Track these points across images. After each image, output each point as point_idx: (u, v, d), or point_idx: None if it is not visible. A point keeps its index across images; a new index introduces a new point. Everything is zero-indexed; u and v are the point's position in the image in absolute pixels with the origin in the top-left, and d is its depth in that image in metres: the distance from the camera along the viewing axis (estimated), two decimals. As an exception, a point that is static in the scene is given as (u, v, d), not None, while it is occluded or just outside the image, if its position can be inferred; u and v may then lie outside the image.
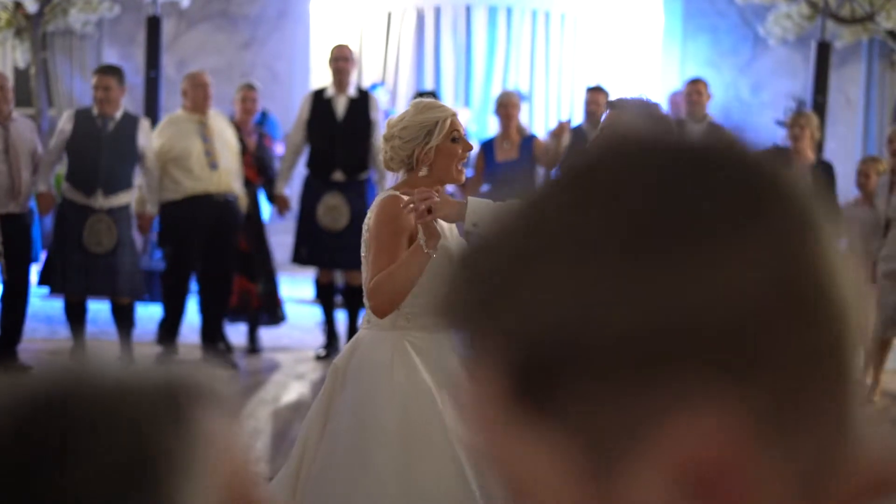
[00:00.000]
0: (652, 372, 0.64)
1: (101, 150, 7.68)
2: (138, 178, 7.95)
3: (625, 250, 0.65)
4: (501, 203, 0.74)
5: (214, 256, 8.19)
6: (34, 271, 8.12)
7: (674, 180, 0.66)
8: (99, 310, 8.62)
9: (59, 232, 7.83)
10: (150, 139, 7.89)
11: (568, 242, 0.66)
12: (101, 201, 7.71)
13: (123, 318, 7.94)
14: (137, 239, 8.70)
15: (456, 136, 3.77)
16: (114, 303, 7.91)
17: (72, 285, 7.77)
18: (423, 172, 3.77)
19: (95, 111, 7.78)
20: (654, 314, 0.63)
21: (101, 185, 7.70)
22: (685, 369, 0.63)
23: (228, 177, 8.13)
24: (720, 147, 0.69)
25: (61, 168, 8.14)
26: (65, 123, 7.83)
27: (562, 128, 8.71)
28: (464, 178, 3.90)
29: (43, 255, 8.26)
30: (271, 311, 8.72)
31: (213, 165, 8.06)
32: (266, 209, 9.16)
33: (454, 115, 3.83)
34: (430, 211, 3.59)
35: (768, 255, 0.65)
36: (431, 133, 3.74)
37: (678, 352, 0.63)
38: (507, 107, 8.80)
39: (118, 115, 7.78)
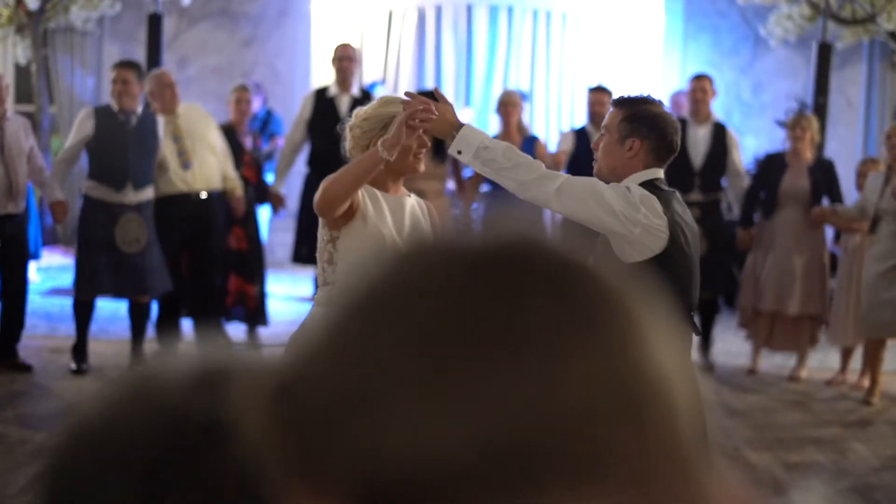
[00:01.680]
0: (498, 490, 0.62)
1: (127, 146, 7.61)
2: None
3: (451, 375, 0.63)
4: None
5: (198, 254, 8.19)
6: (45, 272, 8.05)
7: (489, 296, 0.64)
8: (99, 308, 8.61)
9: (84, 234, 7.68)
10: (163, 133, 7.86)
11: (390, 373, 0.64)
12: (131, 196, 7.63)
13: (141, 316, 7.87)
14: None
15: None
16: (132, 300, 7.82)
17: (104, 287, 7.66)
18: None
19: (115, 107, 7.69)
20: (489, 434, 0.62)
21: (130, 180, 7.62)
22: (527, 484, 0.62)
23: (205, 174, 8.08)
24: (533, 253, 0.67)
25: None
26: (84, 122, 7.69)
27: (557, 159, 8.64)
28: (420, 168, 4.01)
29: (47, 254, 8.19)
30: (263, 312, 8.71)
31: (185, 165, 8.01)
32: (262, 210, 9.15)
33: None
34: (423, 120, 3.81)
35: (595, 361, 0.64)
36: (388, 126, 3.89)
37: (519, 468, 0.62)
38: (507, 105, 8.78)
39: (139, 109, 7.73)
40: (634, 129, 4.05)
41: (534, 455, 0.62)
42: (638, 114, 4.07)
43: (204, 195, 8.04)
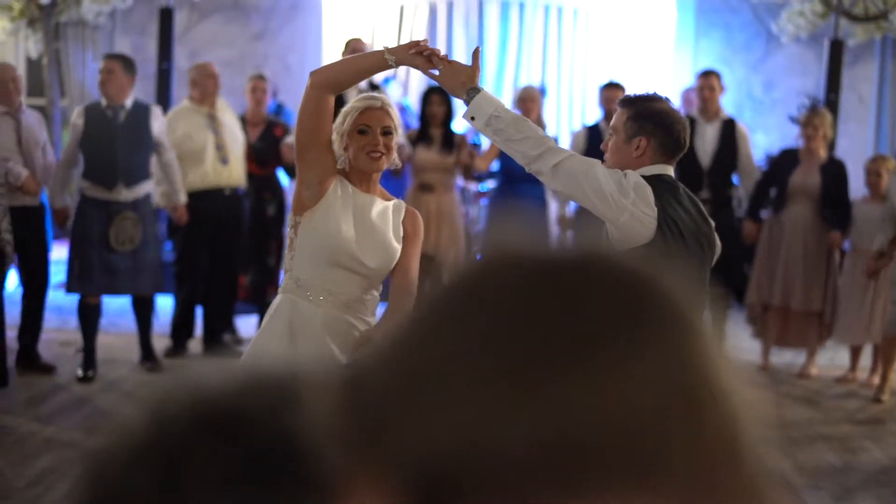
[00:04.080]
0: (551, 486, 0.63)
1: (116, 142, 7.49)
2: (155, 168, 7.86)
3: (516, 371, 0.64)
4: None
5: (223, 249, 8.20)
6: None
7: (557, 297, 0.66)
8: (107, 302, 8.61)
9: (79, 231, 7.57)
10: (164, 126, 7.75)
11: (457, 366, 0.66)
12: (124, 194, 7.51)
13: (145, 310, 7.83)
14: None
15: (363, 129, 3.95)
16: (135, 295, 7.79)
17: (95, 285, 7.56)
18: (347, 159, 4.00)
19: (104, 102, 7.60)
20: (548, 431, 0.63)
21: (121, 178, 7.50)
22: (582, 482, 0.63)
23: (238, 169, 8.12)
24: (597, 261, 0.69)
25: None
26: (76, 119, 7.63)
27: (566, 222, 8.73)
28: (374, 167, 3.98)
29: (57, 247, 8.12)
30: (257, 301, 8.67)
31: (223, 160, 8.02)
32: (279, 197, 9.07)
33: (369, 108, 3.98)
34: (429, 59, 3.90)
35: (658, 365, 0.65)
36: (344, 121, 3.96)
37: (575, 466, 0.63)
38: (527, 101, 8.80)
39: (128, 103, 7.61)
40: (640, 127, 4.03)
41: (590, 455, 0.63)
42: (643, 112, 4.06)
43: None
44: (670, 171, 4.07)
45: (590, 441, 0.63)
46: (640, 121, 4.04)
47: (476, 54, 4.05)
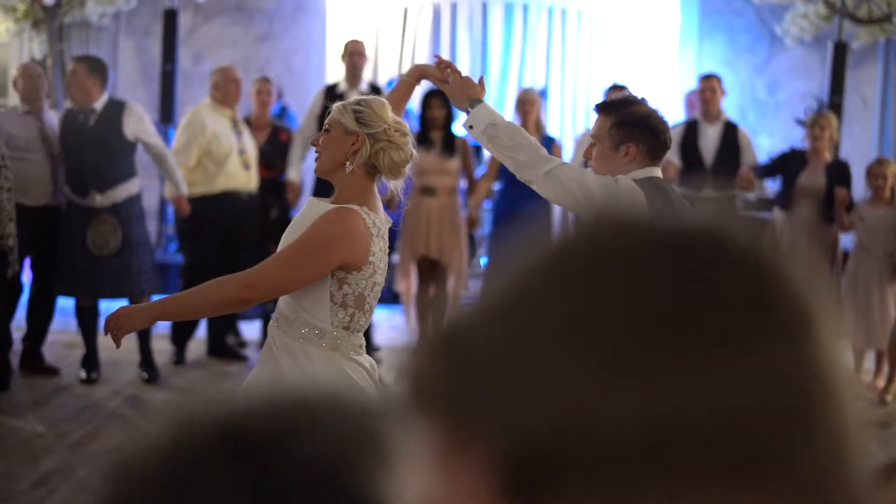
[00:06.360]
0: (652, 476, 0.61)
1: (85, 148, 7.34)
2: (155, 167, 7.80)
3: (626, 348, 0.62)
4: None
5: (234, 253, 8.20)
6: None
7: (678, 276, 0.63)
8: (108, 306, 8.61)
9: (63, 234, 7.46)
10: (143, 123, 7.49)
11: (565, 336, 0.63)
12: (99, 200, 7.37)
13: None
14: (152, 232, 8.64)
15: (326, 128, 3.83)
16: (130, 299, 7.61)
17: (79, 289, 7.46)
18: None
19: (76, 106, 7.46)
20: (656, 417, 0.60)
21: (92, 184, 7.35)
22: (685, 474, 0.61)
23: (255, 176, 8.14)
24: (726, 240, 0.66)
25: None
26: (58, 125, 7.54)
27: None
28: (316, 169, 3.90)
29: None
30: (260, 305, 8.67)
31: (246, 166, 8.01)
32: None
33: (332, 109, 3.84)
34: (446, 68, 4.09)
35: (778, 360, 0.63)
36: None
37: (680, 457, 0.61)
38: (525, 104, 8.77)
39: (98, 105, 7.42)
40: (627, 133, 3.99)
41: (700, 446, 0.61)
42: (627, 118, 4.01)
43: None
44: (658, 172, 4.05)
45: (701, 432, 0.61)
46: (625, 127, 3.99)
47: (482, 81, 4.15)
